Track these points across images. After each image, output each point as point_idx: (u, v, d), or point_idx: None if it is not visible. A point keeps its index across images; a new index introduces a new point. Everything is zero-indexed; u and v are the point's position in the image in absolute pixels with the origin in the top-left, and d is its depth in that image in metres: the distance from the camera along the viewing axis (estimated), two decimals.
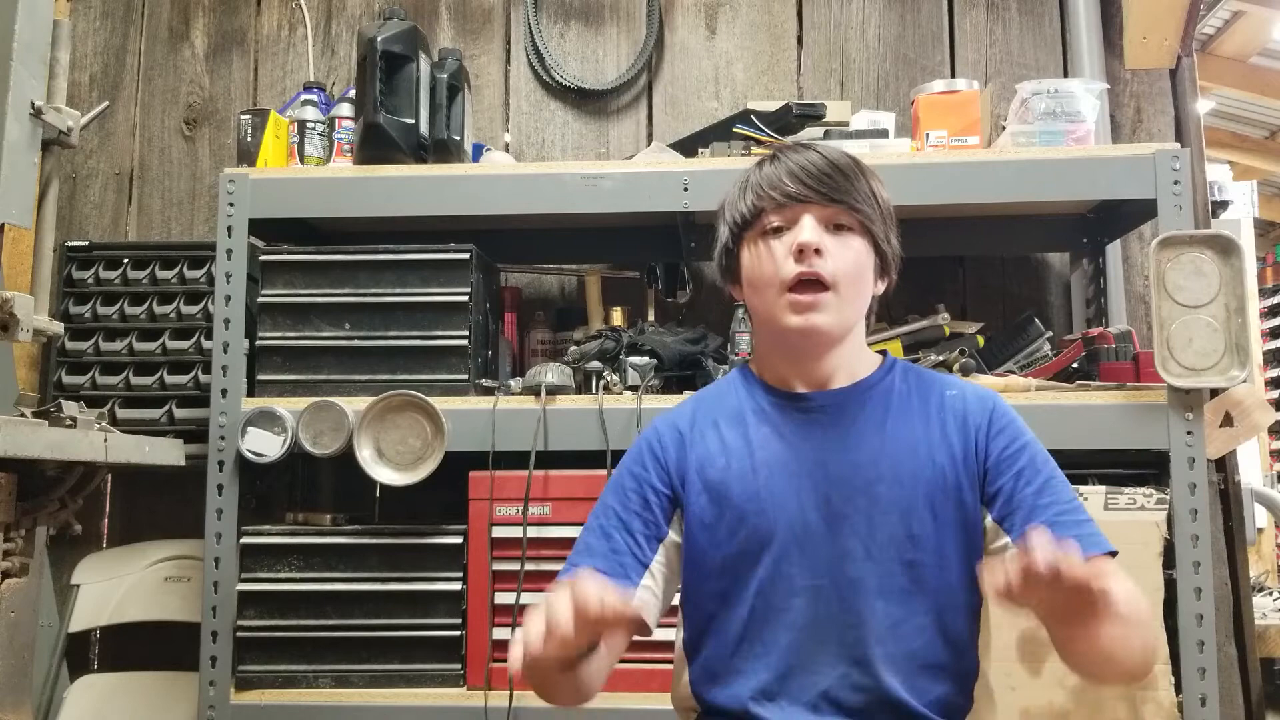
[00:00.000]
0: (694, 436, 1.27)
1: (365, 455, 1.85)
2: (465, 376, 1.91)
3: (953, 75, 2.39)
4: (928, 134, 1.98)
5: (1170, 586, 1.73)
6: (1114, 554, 1.17)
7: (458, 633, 1.86)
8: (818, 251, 1.17)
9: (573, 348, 2.00)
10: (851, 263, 1.20)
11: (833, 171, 1.21)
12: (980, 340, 2.05)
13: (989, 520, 1.20)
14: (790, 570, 1.18)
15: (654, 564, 1.24)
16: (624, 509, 1.25)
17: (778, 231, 1.21)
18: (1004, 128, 2.00)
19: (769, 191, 1.21)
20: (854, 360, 1.27)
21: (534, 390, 1.87)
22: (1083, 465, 1.81)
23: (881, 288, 1.27)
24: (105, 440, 1.70)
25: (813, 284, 1.18)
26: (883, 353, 1.33)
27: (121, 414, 2.18)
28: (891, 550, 1.17)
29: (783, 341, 1.25)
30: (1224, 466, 2.09)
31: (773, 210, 1.21)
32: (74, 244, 2.30)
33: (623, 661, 1.25)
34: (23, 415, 1.69)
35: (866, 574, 1.17)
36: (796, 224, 1.20)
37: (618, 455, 1.79)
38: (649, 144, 2.32)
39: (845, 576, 1.17)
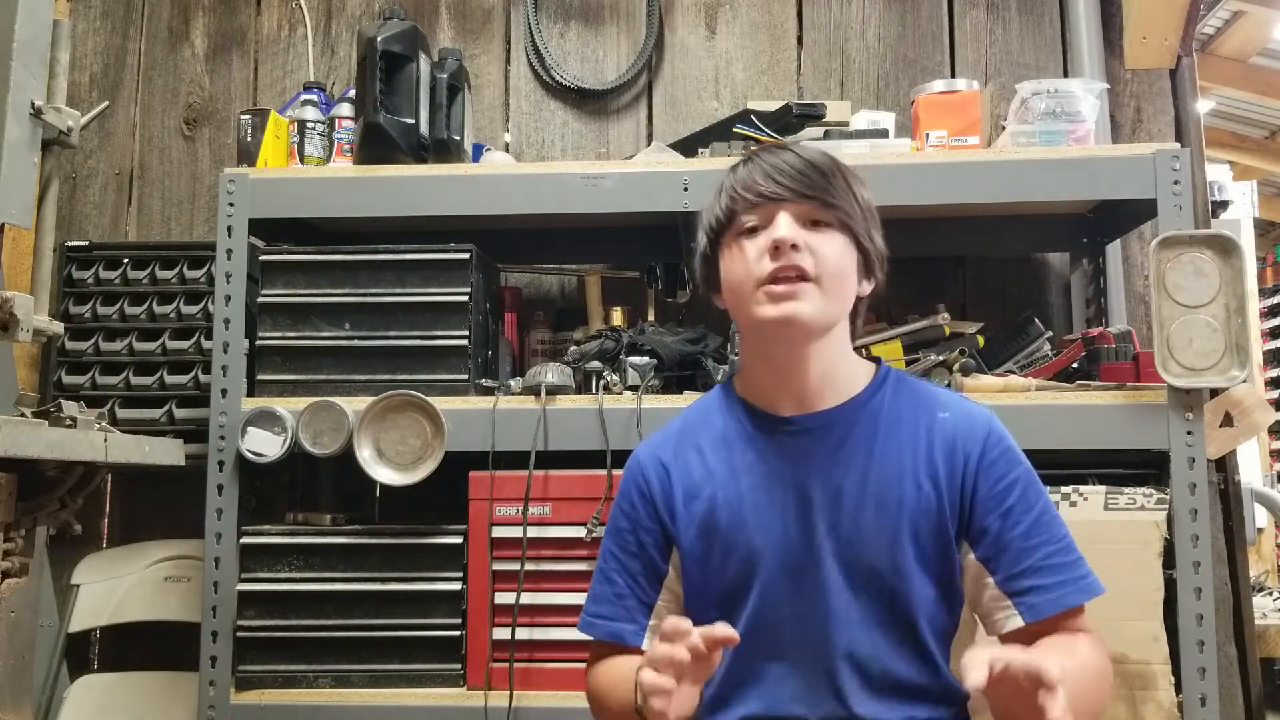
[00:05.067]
0: (678, 466, 1.25)
1: (365, 455, 1.85)
2: (465, 376, 1.91)
3: (953, 75, 2.39)
4: (928, 134, 1.98)
5: (1170, 586, 1.73)
6: (1094, 596, 1.15)
7: (458, 633, 1.86)
8: (794, 247, 1.14)
9: (573, 348, 2.00)
10: (832, 257, 1.16)
11: (807, 169, 1.18)
12: (980, 340, 2.05)
13: (970, 557, 1.17)
14: (777, 599, 1.17)
15: (659, 604, 1.25)
16: (622, 552, 1.26)
17: (753, 232, 1.18)
18: (1004, 128, 2.00)
19: (742, 193, 1.18)
20: (842, 372, 1.23)
21: (534, 390, 1.87)
22: (1083, 465, 1.82)
23: (868, 288, 1.23)
24: (105, 440, 1.70)
25: (790, 278, 1.14)
26: (876, 359, 1.30)
27: (121, 414, 2.18)
28: (875, 581, 1.15)
29: (764, 342, 1.21)
30: (1224, 466, 2.09)
31: (746, 210, 1.18)
32: (74, 244, 2.30)
33: None
34: (23, 415, 1.69)
35: (850, 604, 1.15)
36: (772, 222, 1.16)
37: (618, 455, 1.80)
38: (649, 144, 2.32)
39: (829, 606, 1.15)
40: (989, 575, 1.16)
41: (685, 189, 1.91)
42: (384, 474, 1.86)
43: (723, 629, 0.98)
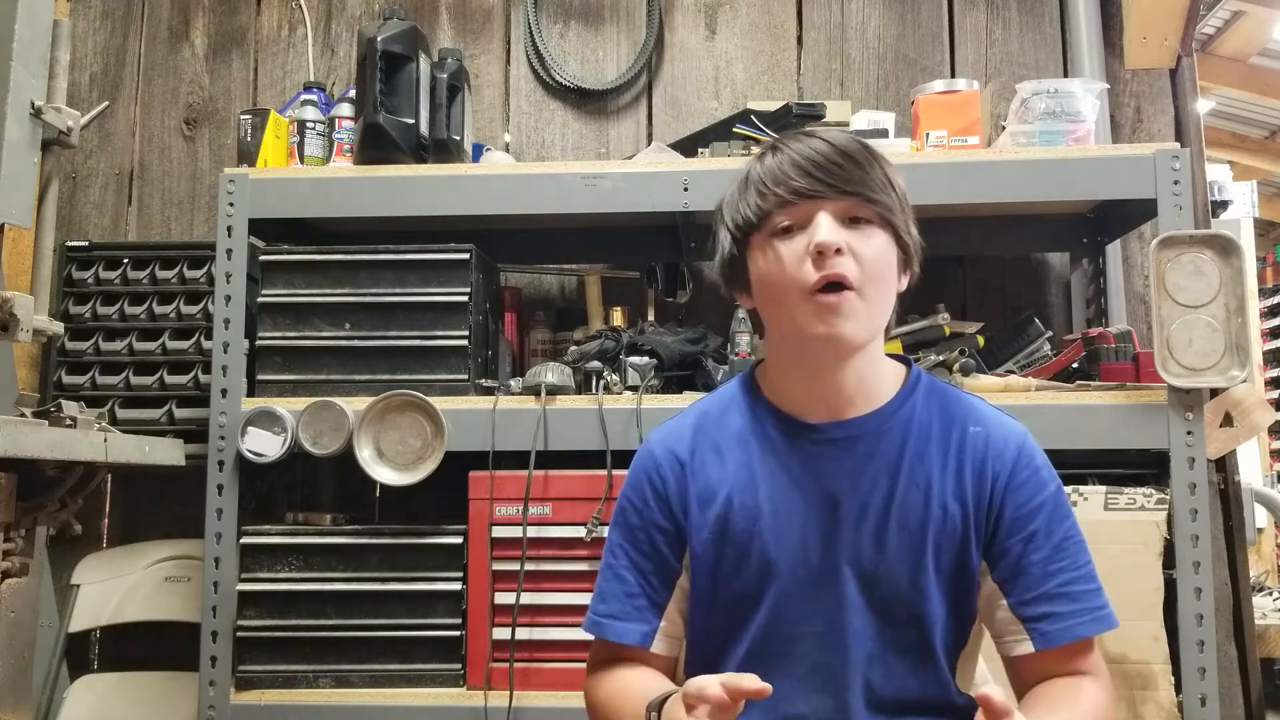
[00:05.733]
0: (695, 465, 1.18)
1: (365, 455, 1.85)
2: (465, 376, 1.91)
3: (953, 75, 2.39)
4: (928, 134, 1.98)
5: (1170, 586, 1.73)
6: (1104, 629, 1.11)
7: (458, 633, 1.86)
8: (839, 251, 1.05)
9: (573, 348, 2.01)
10: (876, 259, 1.08)
11: (843, 160, 1.09)
12: (980, 340, 2.05)
13: (987, 577, 1.13)
14: (791, 614, 1.12)
15: (671, 605, 1.19)
16: (633, 548, 1.19)
17: (788, 231, 1.09)
18: (1004, 128, 2.00)
19: (774, 189, 1.09)
20: (873, 379, 1.16)
21: (534, 390, 1.87)
22: (1083, 465, 1.82)
23: (905, 283, 1.16)
24: (105, 440, 1.70)
25: (836, 286, 1.06)
26: (905, 360, 1.22)
27: (121, 414, 2.18)
28: (895, 602, 1.11)
29: (804, 352, 1.13)
30: (1224, 466, 2.09)
31: (780, 209, 1.09)
32: (74, 244, 2.30)
33: None
34: (23, 415, 1.69)
35: (868, 624, 1.11)
36: (810, 222, 1.07)
37: (618, 455, 1.80)
38: (649, 144, 2.32)
39: (847, 625, 1.11)
40: (1003, 597, 1.11)
41: (685, 189, 1.91)
42: (384, 474, 1.86)
43: (751, 681, 0.94)
